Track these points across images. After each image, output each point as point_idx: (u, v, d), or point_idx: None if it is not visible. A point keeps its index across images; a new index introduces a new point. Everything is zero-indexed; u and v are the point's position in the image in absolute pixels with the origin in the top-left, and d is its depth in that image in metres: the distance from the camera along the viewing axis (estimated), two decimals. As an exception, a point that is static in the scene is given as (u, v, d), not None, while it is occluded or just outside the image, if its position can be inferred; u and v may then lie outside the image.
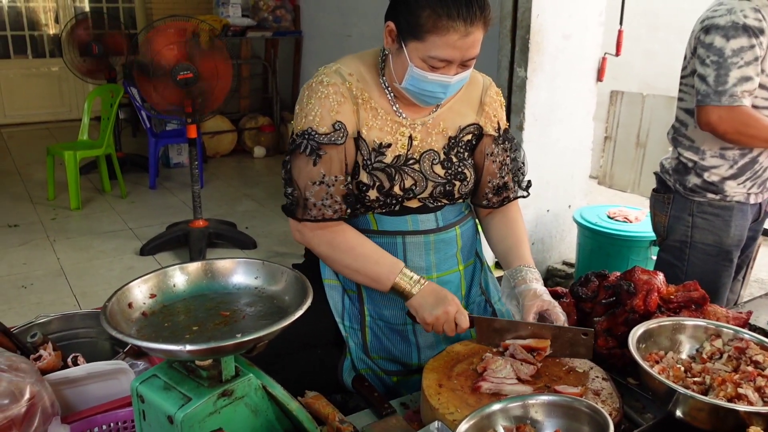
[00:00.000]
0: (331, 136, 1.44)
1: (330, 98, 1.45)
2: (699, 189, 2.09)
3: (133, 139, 7.60)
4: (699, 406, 1.14)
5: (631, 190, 6.00)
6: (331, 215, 1.46)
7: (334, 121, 1.45)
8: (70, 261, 4.09)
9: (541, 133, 3.66)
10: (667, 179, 2.19)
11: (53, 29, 8.91)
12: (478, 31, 1.36)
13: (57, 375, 1.36)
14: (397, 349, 1.61)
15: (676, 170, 2.15)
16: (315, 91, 1.47)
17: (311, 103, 1.46)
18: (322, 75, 1.49)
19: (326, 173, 1.45)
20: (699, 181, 2.08)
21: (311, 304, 1.03)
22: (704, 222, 2.11)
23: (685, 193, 2.12)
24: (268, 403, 1.07)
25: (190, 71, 3.62)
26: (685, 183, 2.11)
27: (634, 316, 1.44)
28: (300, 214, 1.48)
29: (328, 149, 1.44)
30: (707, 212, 2.10)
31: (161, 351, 0.94)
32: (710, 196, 2.08)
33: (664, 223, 2.21)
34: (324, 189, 1.45)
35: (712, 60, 1.93)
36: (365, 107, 1.48)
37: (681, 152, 2.12)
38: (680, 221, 2.15)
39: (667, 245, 2.22)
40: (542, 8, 3.43)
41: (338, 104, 1.45)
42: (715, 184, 2.06)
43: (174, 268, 1.13)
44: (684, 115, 2.12)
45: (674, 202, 2.17)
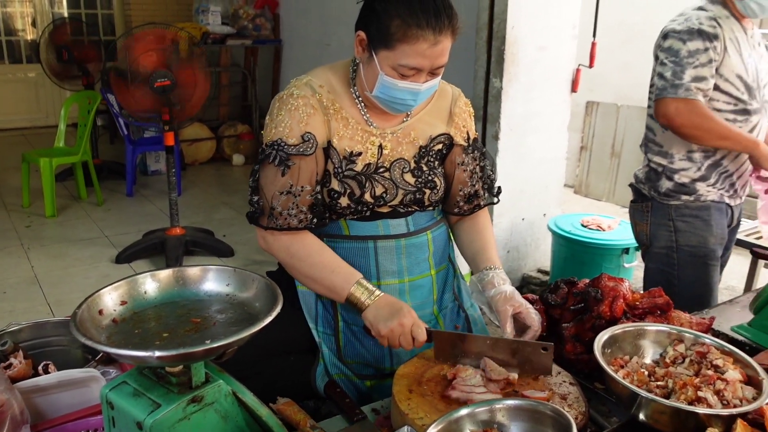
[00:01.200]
0: (300, 147, 1.47)
1: (300, 110, 1.48)
2: (672, 192, 2.15)
3: (110, 146, 7.55)
4: (661, 409, 1.16)
5: (606, 199, 6.08)
6: (296, 224, 1.49)
7: (304, 132, 1.47)
8: (44, 269, 4.05)
9: (517, 142, 3.72)
10: (641, 188, 2.24)
11: (30, 35, 8.84)
12: (446, 40, 1.39)
13: (27, 383, 1.36)
14: (370, 353, 1.62)
15: (648, 178, 2.20)
16: (285, 103, 1.49)
17: (281, 114, 1.49)
18: (292, 87, 1.51)
19: (294, 184, 1.47)
20: (671, 185, 2.14)
21: (286, 311, 1.05)
22: (685, 225, 2.16)
23: (661, 199, 2.17)
24: (238, 409, 1.08)
25: (168, 78, 3.62)
26: (658, 189, 2.17)
27: (600, 322, 1.48)
28: (265, 222, 1.50)
29: (297, 160, 1.47)
30: (686, 215, 2.15)
31: (130, 357, 0.95)
32: (685, 198, 2.14)
33: (647, 232, 2.24)
34: (290, 199, 1.47)
35: (670, 60, 2.04)
36: (336, 117, 1.51)
37: (651, 158, 2.18)
38: (662, 227, 2.20)
39: (653, 254, 2.25)
40: (517, 20, 3.48)
41: (308, 116, 1.48)
42: (687, 185, 2.12)
43: (145, 276, 1.14)
44: (651, 122, 2.20)
45: (653, 210, 2.21)
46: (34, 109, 8.90)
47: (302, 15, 6.41)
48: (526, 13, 3.50)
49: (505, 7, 3.42)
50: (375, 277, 1.58)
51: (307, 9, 6.28)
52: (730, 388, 1.20)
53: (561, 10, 3.64)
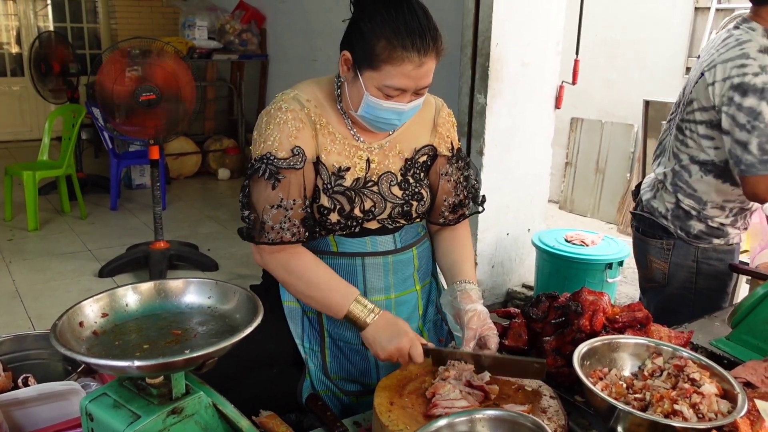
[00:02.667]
0: (290, 160, 1.45)
1: (289, 124, 1.46)
2: (705, 235, 2.01)
3: (95, 159, 7.52)
4: (638, 421, 1.18)
5: (591, 215, 6.14)
6: (290, 238, 1.47)
7: (293, 146, 1.46)
8: (26, 282, 4.02)
9: (501, 158, 3.75)
10: (665, 225, 2.07)
11: (15, 48, 8.81)
12: (431, 61, 1.40)
13: (6, 396, 1.35)
14: (356, 369, 1.62)
15: (677, 216, 2.04)
16: (273, 117, 1.48)
17: (270, 128, 1.47)
18: (280, 101, 1.50)
19: (284, 197, 1.45)
20: (703, 227, 2.01)
21: (269, 324, 1.05)
22: (708, 267, 2.04)
23: (689, 240, 2.03)
24: (218, 421, 1.08)
25: (153, 92, 3.62)
26: (688, 229, 2.03)
27: (581, 335, 1.49)
28: (257, 237, 1.47)
29: (287, 173, 1.45)
30: (712, 258, 2.04)
31: (110, 367, 0.95)
32: (716, 242, 2.02)
33: (665, 271, 2.10)
34: (282, 212, 1.45)
35: (754, 125, 1.81)
36: (323, 132, 1.50)
37: (681, 199, 2.03)
38: (683, 269, 2.06)
39: (667, 293, 2.11)
40: (501, 37, 3.53)
41: (297, 129, 1.47)
42: (720, 229, 2.00)
43: (126, 288, 1.14)
44: (688, 163, 2.01)
45: (676, 249, 2.06)
46: (18, 123, 8.87)
47: (288, 30, 6.45)
48: (510, 30, 3.55)
49: (489, 24, 3.47)
50: (362, 294, 1.56)
51: (293, 24, 6.32)
52: (706, 402, 1.22)
53: (545, 27, 3.70)
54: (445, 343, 1.75)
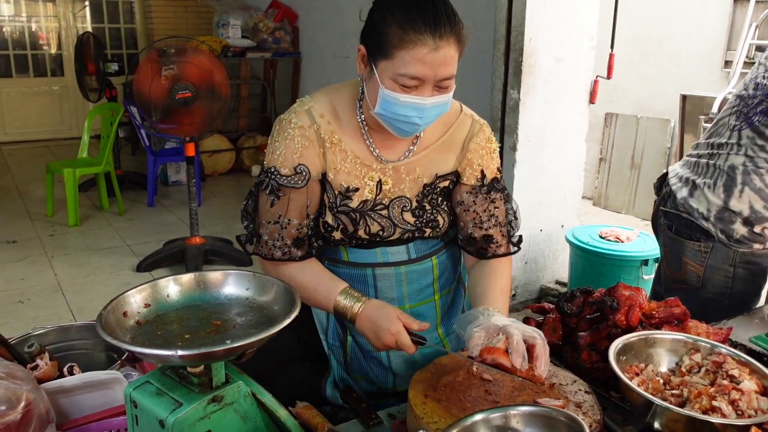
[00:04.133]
0: (292, 179, 1.43)
1: (295, 140, 1.43)
2: (746, 240, 1.94)
3: (132, 157, 7.67)
4: (675, 417, 1.17)
5: (626, 211, 6.06)
6: (280, 256, 1.46)
7: (297, 164, 1.43)
8: (67, 277, 4.13)
9: (534, 154, 3.73)
10: (706, 226, 1.97)
11: (55, 49, 9.03)
12: (448, 47, 1.29)
13: (52, 384, 1.39)
14: (373, 372, 1.61)
15: (720, 218, 1.94)
16: (283, 129, 1.45)
17: (278, 141, 1.45)
18: (292, 114, 1.45)
19: (282, 215, 1.44)
20: (746, 231, 1.92)
21: (304, 319, 1.06)
22: (745, 272, 1.98)
23: (730, 243, 1.95)
24: (257, 409, 1.10)
25: (189, 90, 3.68)
26: (731, 233, 1.94)
27: (616, 331, 1.48)
28: (252, 248, 1.49)
29: (287, 191, 1.43)
30: (750, 262, 1.97)
31: (154, 356, 0.97)
32: (756, 247, 1.95)
33: (699, 274, 2.02)
34: (277, 230, 1.44)
35: None
36: (334, 150, 1.45)
37: (739, 195, 1.92)
38: (719, 272, 1.99)
39: (701, 297, 2.03)
40: (535, 32, 3.51)
41: (303, 147, 1.43)
42: (762, 234, 1.93)
43: (168, 279, 1.17)
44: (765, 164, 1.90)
45: (714, 252, 1.98)
46: (57, 122, 9.09)
47: (321, 28, 6.50)
48: (543, 25, 3.52)
49: (523, 19, 3.44)
50: None
51: (325, 22, 6.36)
52: (746, 399, 1.20)
53: (579, 22, 3.66)
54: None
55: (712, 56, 5.62)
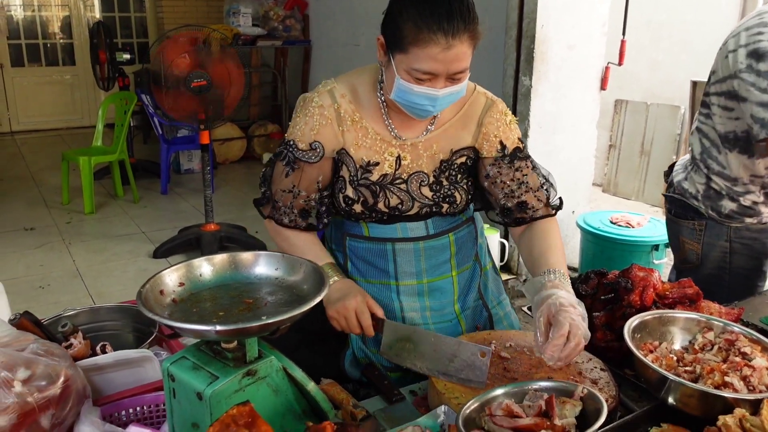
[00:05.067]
0: (307, 153, 1.52)
1: (314, 118, 1.52)
2: (736, 214, 1.99)
3: (144, 145, 7.73)
4: (689, 392, 1.21)
5: (636, 198, 6.07)
6: (287, 223, 1.57)
7: (313, 140, 1.52)
8: (85, 263, 4.20)
9: (546, 140, 3.75)
10: (696, 205, 2.06)
11: (66, 38, 9.07)
12: (461, 45, 1.34)
13: (87, 362, 1.44)
14: None
15: (708, 196, 2.02)
16: (306, 106, 1.54)
17: (299, 116, 1.55)
18: (315, 93, 1.55)
19: (295, 185, 1.54)
20: (735, 206, 1.98)
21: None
22: (742, 247, 2.03)
23: (721, 220, 2.02)
24: (287, 383, 1.15)
25: (204, 79, 3.73)
26: (719, 209, 2.01)
27: (631, 310, 1.52)
28: (267, 211, 1.61)
29: (302, 165, 1.53)
30: (745, 237, 2.02)
31: (193, 331, 1.02)
32: (748, 221, 2.00)
33: (698, 251, 2.09)
34: (289, 198, 1.55)
35: None
36: (355, 127, 1.53)
37: (712, 177, 2.00)
38: (715, 248, 2.06)
39: (702, 274, 2.08)
40: (547, 19, 3.52)
41: (320, 126, 1.52)
42: (752, 208, 1.97)
43: (201, 260, 1.22)
44: (715, 137, 1.98)
45: (707, 229, 2.05)
46: (69, 111, 9.14)
47: (331, 16, 6.51)
48: (555, 12, 3.54)
49: (535, 6, 3.47)
50: (393, 278, 1.62)
51: (335, 10, 6.37)
52: (757, 375, 1.24)
53: (590, 8, 3.67)
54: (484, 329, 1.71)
55: (723, 42, 5.60)
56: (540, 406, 1.12)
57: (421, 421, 1.22)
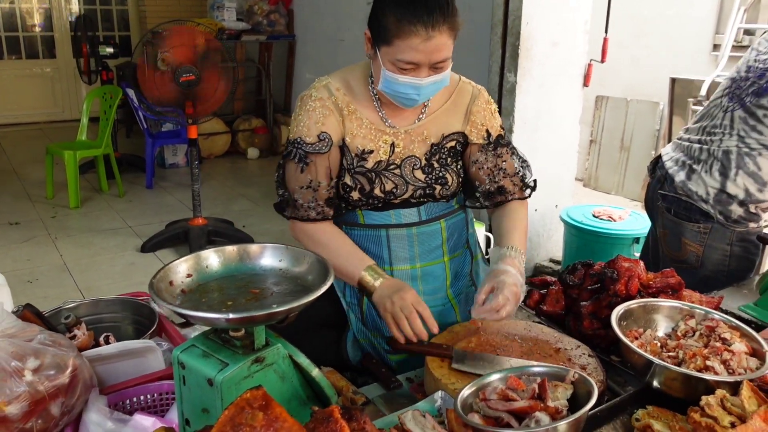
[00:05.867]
0: (317, 145, 1.60)
1: (317, 111, 1.60)
2: (743, 219, 2.04)
3: (127, 139, 7.69)
4: (673, 376, 1.28)
5: (615, 192, 6.17)
6: (315, 216, 1.62)
7: (320, 132, 1.60)
8: (72, 257, 4.20)
9: (530, 136, 3.82)
10: (705, 208, 2.06)
11: (46, 30, 8.96)
12: (441, 36, 1.44)
13: (91, 352, 1.48)
14: (386, 329, 1.73)
15: (719, 200, 2.04)
16: (305, 103, 1.63)
17: (301, 114, 1.62)
18: (312, 89, 1.64)
19: (312, 179, 1.60)
20: (743, 212, 2.03)
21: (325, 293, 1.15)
22: (741, 250, 2.08)
23: (728, 224, 2.05)
24: (293, 370, 1.20)
25: (193, 73, 3.74)
26: (728, 214, 2.04)
27: (617, 300, 1.59)
28: (289, 212, 1.65)
29: (314, 157, 1.60)
30: (746, 240, 2.07)
31: (207, 319, 1.07)
32: (752, 225, 2.06)
33: (699, 253, 2.12)
34: (310, 193, 1.61)
35: None
36: (351, 117, 1.62)
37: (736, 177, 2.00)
38: (717, 251, 2.09)
39: (700, 275, 2.12)
40: (531, 16, 3.59)
41: (324, 117, 1.60)
42: (757, 214, 2.04)
43: (208, 252, 1.26)
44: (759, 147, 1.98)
45: (713, 233, 2.08)
46: (50, 104, 9.05)
47: (315, 11, 6.52)
48: (540, 9, 3.60)
49: (520, 4, 3.52)
50: (387, 263, 1.69)
51: (320, 5, 6.38)
52: (736, 359, 1.31)
53: (574, 6, 3.74)
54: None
55: (701, 39, 5.71)
56: (534, 390, 1.18)
57: (420, 405, 1.28)
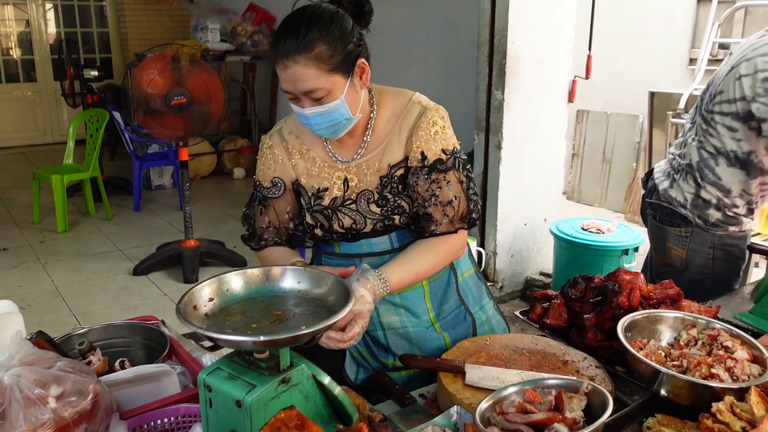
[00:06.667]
0: (271, 190, 1.69)
1: (268, 158, 1.69)
2: (721, 223, 2.13)
3: (111, 162, 7.65)
4: (680, 384, 1.32)
5: (598, 204, 6.28)
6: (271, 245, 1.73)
7: (272, 177, 1.68)
8: (64, 282, 4.17)
9: (518, 151, 3.90)
10: (684, 213, 2.18)
11: (26, 54, 8.92)
12: (297, 65, 1.41)
13: (108, 377, 1.49)
14: (375, 349, 1.76)
15: (696, 205, 2.14)
16: (261, 149, 1.72)
17: (259, 159, 1.73)
18: (268, 135, 1.73)
19: (271, 220, 1.71)
20: (720, 215, 2.12)
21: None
22: (724, 253, 2.16)
23: (707, 227, 2.14)
24: (316, 390, 1.23)
25: (183, 96, 3.76)
26: (706, 218, 2.13)
27: (619, 311, 1.63)
28: (254, 244, 1.75)
29: (270, 201, 1.70)
30: (727, 243, 2.15)
31: (238, 342, 1.10)
32: (732, 229, 2.14)
33: (683, 257, 2.21)
34: (273, 231, 1.72)
35: None
36: (305, 158, 1.67)
37: (704, 186, 2.11)
38: (700, 254, 2.18)
39: (685, 278, 2.21)
40: (517, 35, 3.67)
41: (275, 163, 1.68)
42: (736, 217, 2.13)
43: (227, 275, 1.29)
44: (714, 153, 2.09)
45: (693, 236, 2.17)
46: (31, 128, 8.98)
47: (299, 31, 6.55)
48: (525, 29, 3.69)
49: (506, 23, 3.61)
50: None
51: (303, 25, 6.42)
52: (740, 366, 1.37)
53: (557, 24, 3.84)
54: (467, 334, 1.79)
55: (678, 54, 5.86)
56: (551, 402, 1.22)
57: (437, 420, 1.31)
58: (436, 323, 1.76)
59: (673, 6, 5.85)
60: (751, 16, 5.44)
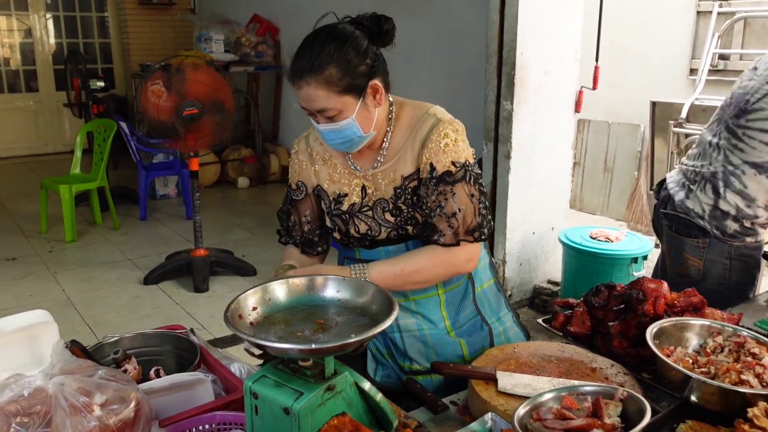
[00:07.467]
0: (296, 192, 1.81)
1: (295, 162, 1.81)
2: (738, 234, 2.15)
3: (114, 171, 7.66)
4: (711, 390, 1.35)
5: (600, 213, 6.32)
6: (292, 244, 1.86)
7: (297, 180, 1.80)
8: (75, 291, 4.18)
9: (526, 161, 3.94)
10: (702, 224, 2.19)
11: (28, 64, 8.94)
12: (308, 87, 1.50)
13: (145, 385, 1.51)
14: (392, 351, 1.80)
15: (714, 216, 2.16)
16: (292, 154, 1.84)
17: (289, 164, 1.85)
18: (296, 141, 1.84)
19: (296, 219, 1.82)
20: (737, 227, 2.14)
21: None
22: (740, 264, 2.19)
23: (725, 238, 2.16)
24: (359, 397, 1.25)
25: (196, 107, 3.78)
26: (724, 229, 2.15)
27: (645, 319, 1.67)
28: (282, 238, 1.89)
29: (295, 203, 1.82)
30: (744, 254, 2.18)
31: (290, 350, 1.12)
32: (748, 240, 2.17)
33: (700, 267, 2.23)
34: (299, 230, 1.83)
35: None
36: (329, 164, 1.75)
37: (726, 195, 2.13)
38: (717, 265, 2.20)
39: (702, 288, 2.14)
40: (525, 46, 3.72)
41: (300, 168, 1.79)
42: (753, 229, 2.14)
43: (270, 285, 1.32)
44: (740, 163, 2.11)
45: (711, 247, 2.19)
46: (33, 138, 8.99)
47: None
48: (533, 40, 3.74)
49: (515, 35, 3.65)
50: None
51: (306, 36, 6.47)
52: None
53: (564, 36, 3.89)
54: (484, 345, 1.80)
55: (679, 64, 5.92)
56: (589, 408, 1.25)
57: (473, 426, 1.33)
58: (452, 331, 1.79)
59: (674, 18, 5.91)
60: (750, 27, 5.51)
